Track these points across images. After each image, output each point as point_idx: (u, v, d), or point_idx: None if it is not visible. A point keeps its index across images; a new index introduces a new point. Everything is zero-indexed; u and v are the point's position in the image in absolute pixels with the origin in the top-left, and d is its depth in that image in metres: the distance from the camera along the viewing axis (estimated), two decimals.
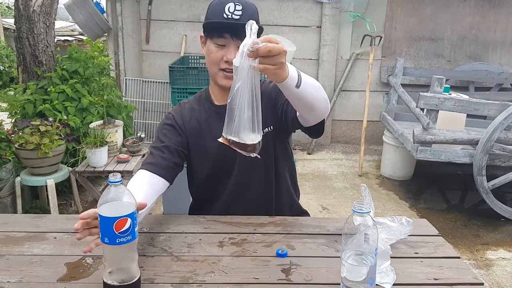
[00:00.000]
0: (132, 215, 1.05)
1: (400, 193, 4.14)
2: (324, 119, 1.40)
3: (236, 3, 1.38)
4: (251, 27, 1.09)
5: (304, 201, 1.85)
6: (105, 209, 1.03)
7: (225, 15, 1.38)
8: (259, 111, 1.10)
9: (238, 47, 1.30)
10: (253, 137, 1.10)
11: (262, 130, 1.19)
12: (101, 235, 1.05)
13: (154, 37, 5.14)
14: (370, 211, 1.06)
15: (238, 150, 1.12)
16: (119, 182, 1.05)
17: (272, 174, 1.59)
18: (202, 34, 1.49)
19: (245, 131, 1.09)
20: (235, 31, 1.37)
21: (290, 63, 1.20)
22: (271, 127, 1.52)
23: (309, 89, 1.24)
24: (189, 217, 1.57)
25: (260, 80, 1.61)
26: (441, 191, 4.34)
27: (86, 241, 1.11)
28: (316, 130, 1.43)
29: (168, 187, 1.49)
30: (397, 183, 4.38)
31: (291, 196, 1.72)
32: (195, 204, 1.74)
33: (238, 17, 1.38)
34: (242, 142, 1.09)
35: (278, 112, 1.50)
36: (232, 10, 1.37)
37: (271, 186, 1.60)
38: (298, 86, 1.19)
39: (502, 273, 2.89)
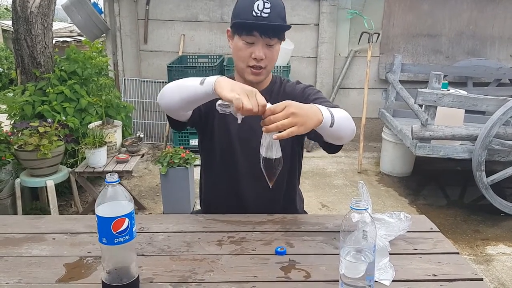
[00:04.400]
0: (129, 215, 1.05)
1: (400, 190, 4.14)
2: None
3: (265, 1, 1.40)
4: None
5: (304, 198, 1.86)
6: (102, 210, 1.03)
7: (254, 13, 1.40)
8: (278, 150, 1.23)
9: (266, 44, 1.43)
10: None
11: None
12: (99, 236, 1.05)
13: (152, 37, 5.13)
14: (368, 208, 1.06)
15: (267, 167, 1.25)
16: (117, 182, 1.05)
17: (285, 168, 1.59)
18: (229, 28, 1.51)
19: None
20: (264, 29, 1.40)
21: (288, 63, 1.24)
22: None
23: (342, 124, 1.30)
24: (187, 216, 1.57)
25: (284, 79, 1.63)
26: (440, 187, 4.34)
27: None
28: (334, 148, 1.46)
29: (182, 125, 1.50)
30: (396, 179, 4.38)
31: (300, 197, 1.73)
32: (206, 196, 1.73)
33: (266, 15, 1.40)
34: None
35: None
36: (261, 8, 1.39)
37: (282, 180, 1.60)
38: (332, 125, 1.25)
39: (502, 268, 2.89)
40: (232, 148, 1.56)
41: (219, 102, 1.20)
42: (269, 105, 1.18)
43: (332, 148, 1.46)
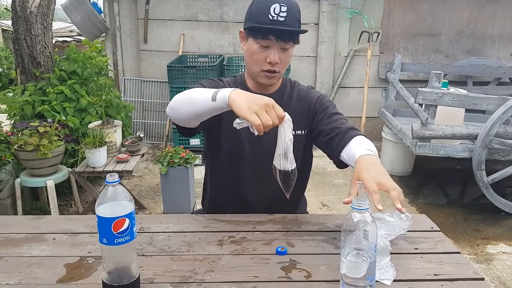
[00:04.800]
0: (130, 215, 1.05)
1: None
2: None
3: (281, 4, 1.37)
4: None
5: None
6: (103, 210, 1.03)
7: (270, 17, 1.37)
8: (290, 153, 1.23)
9: (281, 48, 1.41)
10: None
11: (296, 131, 1.47)
12: (99, 236, 1.04)
13: (152, 36, 5.13)
14: (369, 208, 1.05)
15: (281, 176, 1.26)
16: (117, 182, 1.04)
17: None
18: (242, 29, 1.49)
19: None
20: (280, 34, 1.38)
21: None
22: (305, 131, 1.55)
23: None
24: (188, 216, 1.57)
25: (295, 82, 1.62)
26: (440, 186, 4.34)
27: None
28: (346, 165, 1.47)
29: (192, 131, 1.46)
30: (396, 178, 4.38)
31: (304, 199, 1.73)
32: (210, 197, 1.71)
33: (283, 19, 1.38)
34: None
35: (314, 130, 1.55)
36: (277, 11, 1.37)
37: None
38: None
39: (502, 267, 2.89)
40: (240, 149, 1.55)
41: (237, 120, 1.19)
42: (291, 122, 1.20)
43: (343, 165, 1.47)
